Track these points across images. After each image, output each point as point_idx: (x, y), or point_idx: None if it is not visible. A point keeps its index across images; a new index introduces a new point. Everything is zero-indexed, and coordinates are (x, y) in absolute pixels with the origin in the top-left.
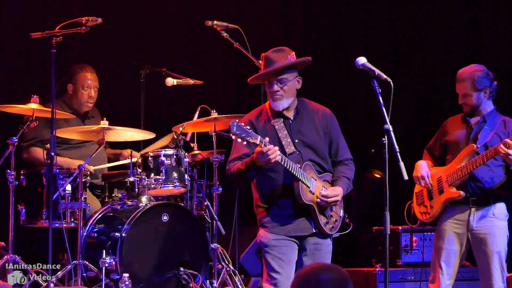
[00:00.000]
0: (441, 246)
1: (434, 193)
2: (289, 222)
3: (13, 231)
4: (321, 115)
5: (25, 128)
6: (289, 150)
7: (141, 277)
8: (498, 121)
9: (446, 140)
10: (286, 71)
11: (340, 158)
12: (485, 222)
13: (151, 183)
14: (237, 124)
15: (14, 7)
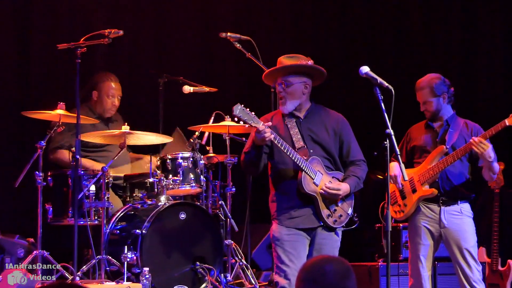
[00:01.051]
0: (419, 242)
1: (407, 193)
2: (297, 214)
3: (41, 228)
4: (332, 118)
5: (52, 132)
6: (298, 145)
7: (160, 271)
8: (461, 124)
9: (413, 145)
10: (292, 74)
11: (352, 159)
12: (454, 219)
13: (169, 183)
14: (241, 107)
15: (42, 20)
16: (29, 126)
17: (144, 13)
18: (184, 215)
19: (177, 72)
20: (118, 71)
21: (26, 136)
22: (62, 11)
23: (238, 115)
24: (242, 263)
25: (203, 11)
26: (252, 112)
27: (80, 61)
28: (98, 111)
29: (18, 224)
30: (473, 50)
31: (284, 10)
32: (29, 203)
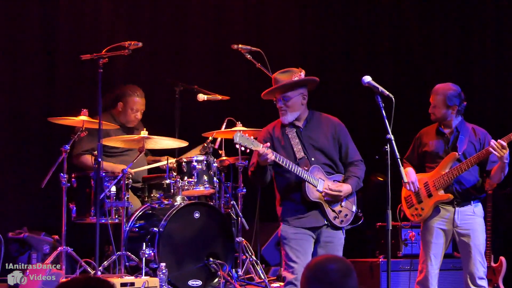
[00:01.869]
0: (430, 241)
1: (423, 197)
2: (303, 215)
3: (65, 226)
4: (330, 123)
5: (76, 137)
6: (299, 155)
7: (176, 266)
8: (469, 130)
9: (425, 151)
10: (289, 89)
11: (350, 160)
12: (467, 219)
13: (185, 185)
14: (240, 135)
15: (67, 32)
16: (55, 131)
17: (161, 26)
18: (198, 214)
19: (192, 81)
20: (137, 80)
21: (52, 140)
22: (85, 23)
23: (238, 142)
24: (252, 259)
25: (217, 24)
26: (251, 137)
27: (102, 71)
28: (121, 121)
29: (44, 222)
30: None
31: (291, 23)
32: (54, 203)
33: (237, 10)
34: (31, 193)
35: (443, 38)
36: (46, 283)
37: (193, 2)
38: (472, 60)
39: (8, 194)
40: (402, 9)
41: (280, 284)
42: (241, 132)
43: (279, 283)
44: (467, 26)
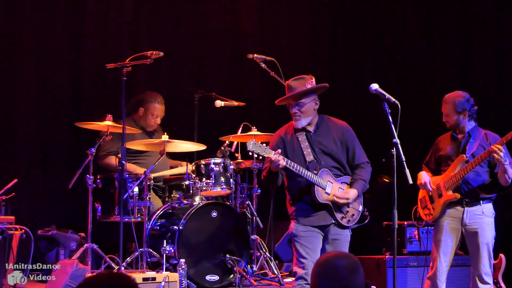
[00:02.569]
0: (440, 239)
1: (435, 198)
2: (312, 214)
3: (91, 224)
4: (338, 128)
5: (101, 141)
6: (308, 159)
7: (194, 262)
8: (481, 135)
9: (440, 155)
10: (303, 96)
11: (357, 162)
12: (475, 219)
13: (203, 186)
14: (253, 142)
15: (92, 42)
16: (81, 135)
17: (181, 37)
18: (215, 214)
19: (210, 89)
20: (159, 87)
21: (79, 144)
22: (110, 34)
23: (251, 149)
24: (266, 255)
25: (233, 35)
26: (263, 144)
27: (126, 79)
28: (142, 125)
29: (71, 220)
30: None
31: (303, 34)
32: (80, 203)
33: (252, 21)
34: (59, 193)
35: (445, 47)
36: (73, 277)
37: (211, 14)
38: (473, 68)
39: (38, 194)
40: (407, 21)
41: (292, 279)
42: (254, 140)
43: (292, 278)
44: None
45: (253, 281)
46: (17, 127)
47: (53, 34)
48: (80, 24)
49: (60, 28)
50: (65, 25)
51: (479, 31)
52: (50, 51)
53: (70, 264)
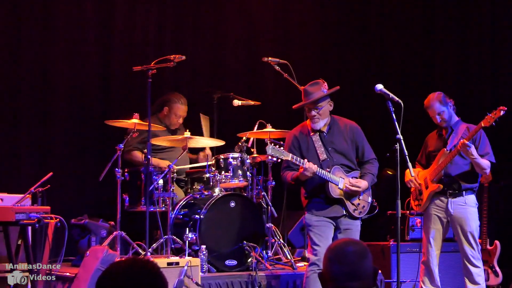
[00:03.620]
0: (430, 226)
1: (423, 190)
2: (326, 207)
3: (120, 213)
4: (348, 128)
5: (128, 137)
6: (322, 157)
7: (214, 248)
8: (463, 128)
9: (429, 151)
10: (321, 100)
11: (366, 159)
12: (459, 208)
13: (222, 178)
14: (272, 147)
15: (120, 46)
16: (110, 132)
17: (202, 41)
18: (233, 204)
19: (228, 89)
20: (181, 88)
21: (108, 140)
22: (136, 39)
23: (271, 154)
24: (280, 242)
25: (250, 40)
26: (281, 148)
27: (151, 80)
28: (166, 123)
29: (102, 210)
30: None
31: (314, 38)
32: (110, 194)
33: (267, 27)
34: (90, 185)
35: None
36: (103, 262)
37: (229, 20)
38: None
39: (71, 187)
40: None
41: (305, 263)
42: (272, 145)
43: (303, 263)
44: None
45: (268, 266)
46: (52, 125)
47: (84, 39)
48: (109, 30)
49: (91, 34)
50: (96, 31)
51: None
52: (82, 55)
53: (100, 250)
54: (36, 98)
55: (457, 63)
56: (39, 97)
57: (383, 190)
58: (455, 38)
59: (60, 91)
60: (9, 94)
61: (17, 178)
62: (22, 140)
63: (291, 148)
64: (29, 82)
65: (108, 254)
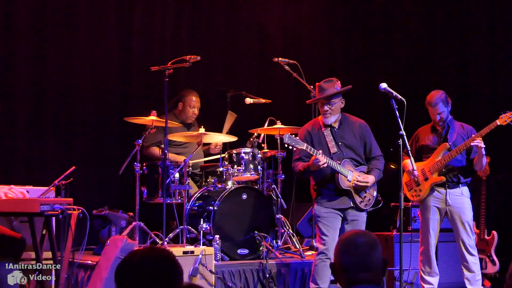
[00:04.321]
0: (429, 217)
1: (421, 181)
2: (334, 199)
3: (138, 205)
4: (357, 125)
5: (146, 133)
6: (333, 150)
7: (227, 238)
8: (458, 126)
9: (421, 144)
10: (334, 97)
11: (373, 155)
12: (457, 199)
13: (235, 172)
14: (288, 136)
15: (140, 48)
16: (130, 128)
17: (216, 43)
18: (245, 196)
19: (241, 88)
20: (196, 87)
21: (127, 136)
22: (154, 41)
23: (287, 142)
24: (289, 232)
25: (261, 41)
26: (297, 137)
27: (168, 79)
28: (182, 118)
29: (121, 202)
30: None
31: (321, 39)
32: (129, 186)
33: (277, 29)
34: (111, 178)
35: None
36: (123, 250)
37: (241, 23)
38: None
39: (93, 180)
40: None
41: (312, 252)
42: (289, 134)
43: (311, 252)
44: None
45: (278, 254)
46: (75, 122)
47: (105, 41)
48: (129, 32)
49: (112, 36)
50: (116, 34)
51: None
52: (104, 56)
53: (120, 240)
54: (61, 97)
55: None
56: (63, 96)
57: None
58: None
59: (83, 90)
60: (36, 94)
61: (42, 172)
62: (47, 136)
63: (304, 141)
64: (54, 82)
65: (127, 243)
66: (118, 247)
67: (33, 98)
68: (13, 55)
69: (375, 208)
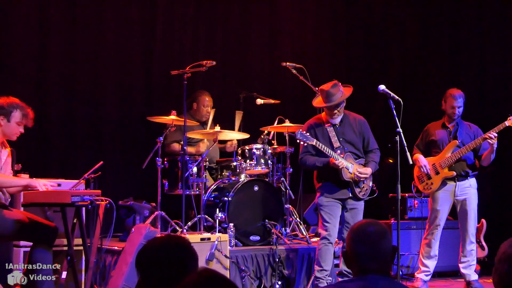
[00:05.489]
0: (437, 208)
1: (432, 175)
2: (336, 190)
3: (160, 196)
4: (357, 122)
5: (167, 131)
6: (336, 145)
7: (241, 226)
8: (466, 125)
9: (431, 139)
10: (341, 100)
11: (371, 148)
12: (465, 190)
13: (247, 166)
14: (300, 132)
15: (160, 54)
16: (152, 127)
17: (230, 48)
18: (257, 188)
19: (252, 89)
20: (212, 89)
21: (150, 134)
22: (174, 47)
23: (299, 138)
24: (297, 220)
25: (271, 47)
26: (308, 133)
27: (186, 82)
28: (197, 117)
29: (145, 193)
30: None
31: (324, 45)
32: (152, 179)
33: (285, 36)
34: (135, 172)
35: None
36: (146, 237)
37: (253, 31)
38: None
39: (119, 173)
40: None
41: (317, 239)
42: (300, 131)
43: (317, 238)
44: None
45: (287, 240)
46: (102, 121)
47: (130, 47)
48: (151, 40)
49: (136, 43)
50: (140, 41)
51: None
52: (129, 61)
53: (144, 227)
54: (90, 99)
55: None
56: (92, 97)
57: (385, 176)
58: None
59: (110, 92)
60: (67, 95)
61: (73, 166)
62: (78, 134)
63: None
64: (84, 85)
65: (150, 231)
66: (142, 234)
67: (65, 100)
68: (47, 60)
69: (370, 197)
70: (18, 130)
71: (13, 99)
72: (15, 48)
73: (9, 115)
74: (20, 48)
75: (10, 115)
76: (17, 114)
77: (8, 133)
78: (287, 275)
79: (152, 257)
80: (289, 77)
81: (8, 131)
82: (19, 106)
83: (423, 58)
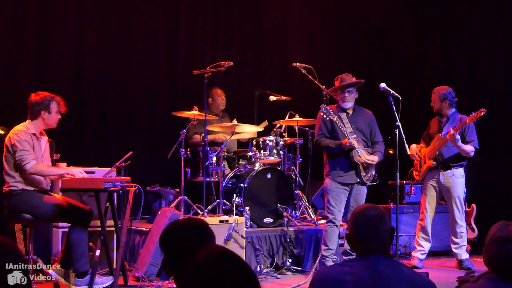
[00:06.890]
0: (426, 194)
1: (422, 164)
2: (343, 174)
3: (183, 183)
4: (367, 114)
5: (190, 124)
6: (349, 130)
7: (255, 209)
8: (457, 118)
9: (430, 133)
10: (353, 86)
11: (376, 140)
12: (448, 179)
13: (261, 156)
14: (325, 107)
15: (183, 56)
16: (176, 121)
17: (246, 49)
18: (270, 175)
19: (266, 87)
20: (229, 87)
21: (175, 127)
22: (196, 49)
23: (323, 111)
24: (305, 204)
25: (283, 48)
26: (330, 109)
27: (207, 81)
28: (214, 111)
29: (170, 180)
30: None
31: (330, 46)
32: (176, 167)
33: (295, 38)
34: (161, 161)
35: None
36: (171, 219)
37: (266, 34)
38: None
39: (147, 162)
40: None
41: (324, 221)
42: (325, 105)
43: (323, 221)
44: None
45: (297, 223)
46: (132, 116)
47: (156, 49)
48: (175, 42)
49: (162, 45)
50: (165, 43)
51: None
52: (155, 62)
53: (169, 211)
54: (121, 95)
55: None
56: (123, 94)
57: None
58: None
59: (139, 89)
60: (101, 94)
61: (106, 155)
62: (110, 127)
63: (323, 120)
64: (115, 83)
65: (174, 214)
66: (167, 216)
67: (99, 96)
68: (84, 61)
69: (372, 184)
70: (57, 118)
71: (43, 93)
72: (56, 52)
73: (48, 108)
74: (59, 52)
75: (49, 108)
76: (54, 105)
77: (50, 123)
78: (297, 254)
79: (173, 237)
80: (299, 76)
81: (50, 122)
82: (52, 97)
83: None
